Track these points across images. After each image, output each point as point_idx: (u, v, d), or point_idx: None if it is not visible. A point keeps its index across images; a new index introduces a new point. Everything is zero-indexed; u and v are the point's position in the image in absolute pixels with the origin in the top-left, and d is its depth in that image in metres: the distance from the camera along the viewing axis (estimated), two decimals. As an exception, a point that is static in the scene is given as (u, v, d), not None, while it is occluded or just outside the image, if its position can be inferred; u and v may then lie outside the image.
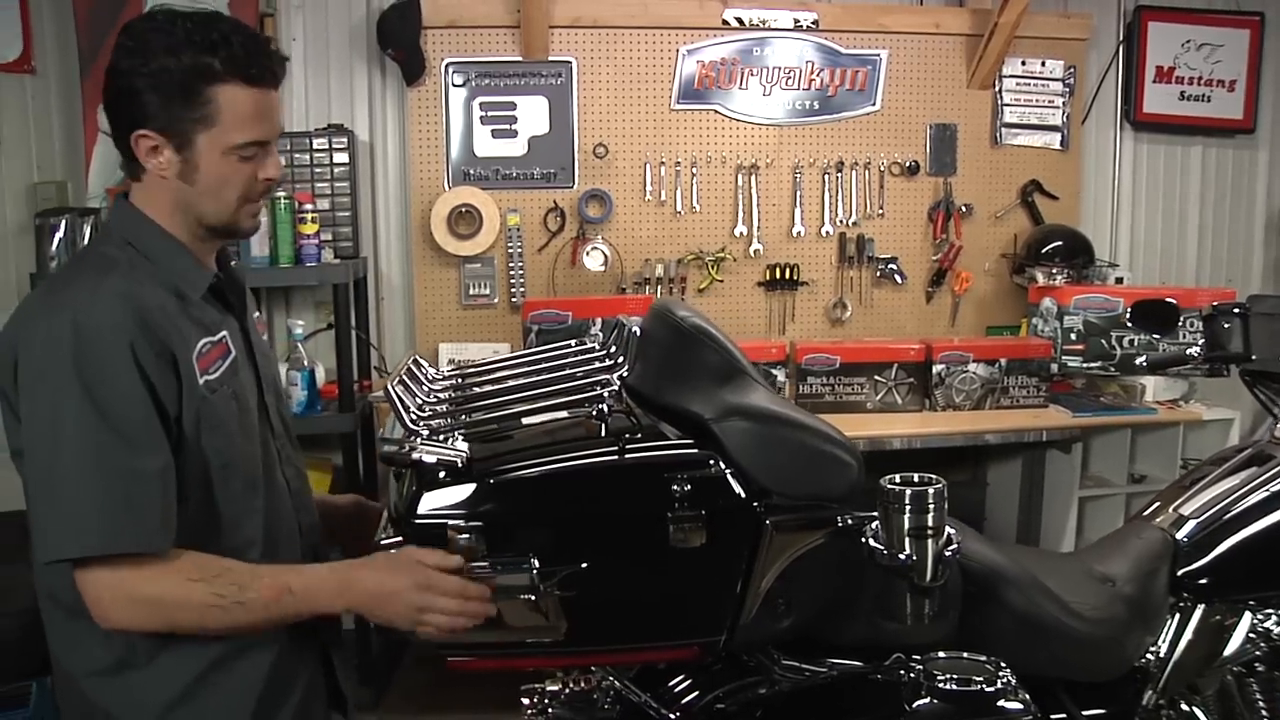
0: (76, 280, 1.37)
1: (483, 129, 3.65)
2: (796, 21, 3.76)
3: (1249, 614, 1.99)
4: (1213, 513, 2.01)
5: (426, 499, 1.42)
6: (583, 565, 1.44)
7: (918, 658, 1.59)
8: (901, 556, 1.48)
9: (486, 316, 3.71)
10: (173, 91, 1.36)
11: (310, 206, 3.30)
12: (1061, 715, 1.80)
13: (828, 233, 3.85)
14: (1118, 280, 3.90)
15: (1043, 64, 3.94)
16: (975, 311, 4.00)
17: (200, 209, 1.43)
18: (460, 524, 1.42)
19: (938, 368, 3.46)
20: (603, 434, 1.51)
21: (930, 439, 3.39)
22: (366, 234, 3.70)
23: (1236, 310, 2.26)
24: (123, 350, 1.30)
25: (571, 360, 1.83)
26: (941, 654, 1.59)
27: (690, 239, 3.78)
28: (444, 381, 1.80)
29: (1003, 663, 1.58)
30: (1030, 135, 3.97)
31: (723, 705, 1.62)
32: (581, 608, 1.45)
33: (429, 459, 1.42)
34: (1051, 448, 3.55)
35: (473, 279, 3.69)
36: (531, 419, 1.61)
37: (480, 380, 1.81)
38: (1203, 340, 2.33)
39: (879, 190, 3.87)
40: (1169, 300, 2.51)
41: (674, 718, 1.61)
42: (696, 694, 1.64)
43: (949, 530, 1.52)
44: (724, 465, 1.49)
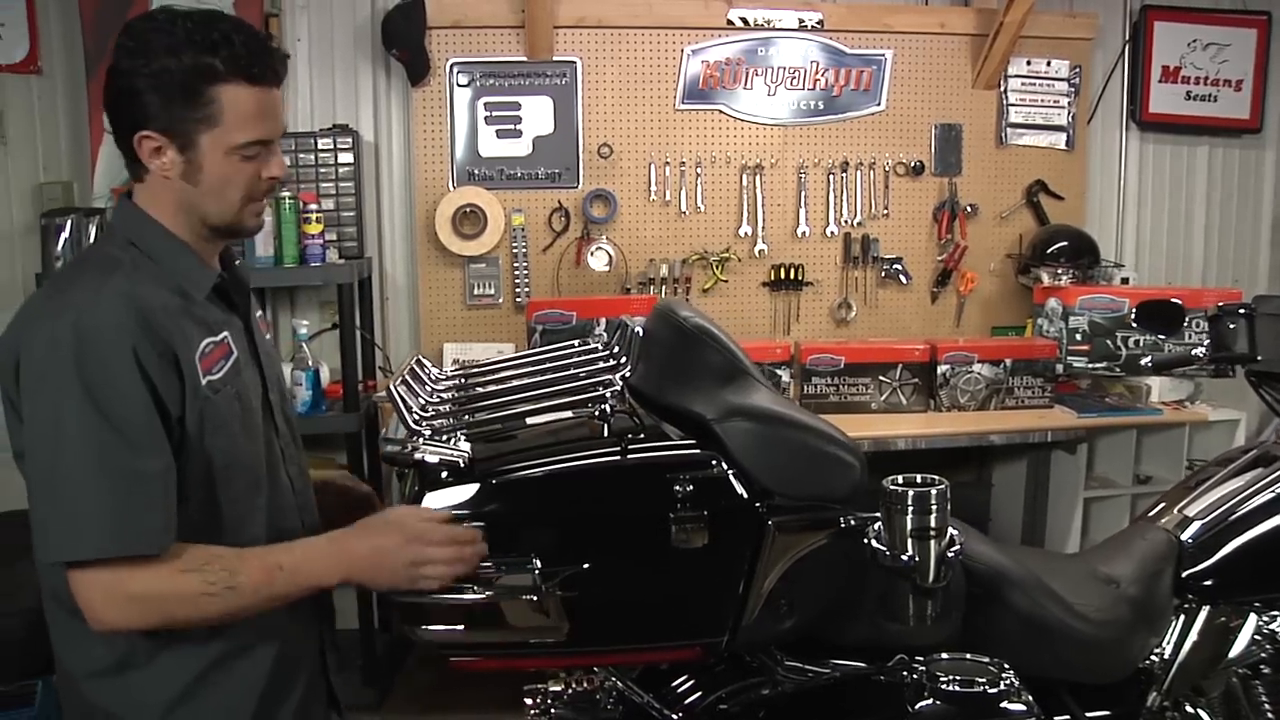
0: (79, 281, 1.37)
1: (487, 129, 3.65)
2: (801, 21, 3.76)
3: (1254, 616, 1.99)
4: (1218, 514, 2.00)
5: (429, 499, 1.43)
6: (585, 566, 1.44)
7: (921, 659, 1.58)
8: (904, 557, 1.48)
9: (491, 317, 3.72)
10: (174, 92, 1.36)
11: (315, 206, 3.30)
12: (1065, 717, 1.80)
13: (832, 233, 3.85)
14: (1123, 280, 3.88)
15: (1048, 64, 3.93)
16: (980, 312, 3.99)
17: (204, 209, 1.43)
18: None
19: (943, 368, 3.45)
20: (605, 434, 1.51)
21: (935, 440, 3.38)
22: (371, 234, 3.70)
23: (1242, 311, 2.25)
24: (124, 351, 1.30)
25: (574, 360, 1.84)
26: (944, 655, 1.59)
27: (695, 239, 3.78)
28: (447, 382, 1.81)
29: (1006, 664, 1.58)
30: (1035, 135, 3.96)
31: (725, 706, 1.62)
32: (584, 608, 1.45)
33: (431, 459, 1.42)
34: (1056, 448, 3.54)
35: (477, 279, 3.69)
36: (536, 419, 1.61)
37: (483, 380, 1.81)
38: (1208, 341, 2.33)
39: (884, 190, 3.87)
40: (1174, 301, 2.51)
41: (677, 718, 1.61)
42: (699, 695, 1.63)
43: (952, 531, 1.52)
44: (726, 466, 1.48)
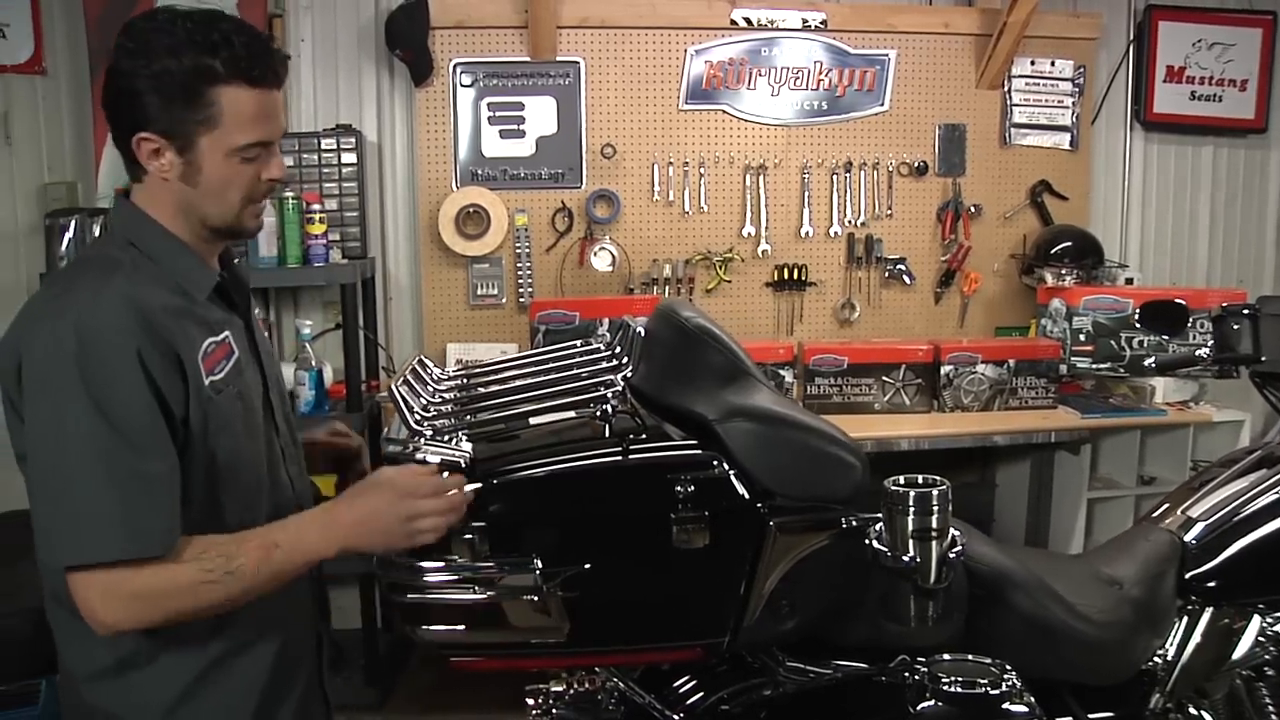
0: (79, 282, 1.36)
1: (490, 129, 3.65)
2: (805, 21, 3.76)
3: (1258, 617, 1.98)
4: (1221, 515, 2.00)
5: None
6: (586, 566, 1.44)
7: (922, 660, 1.58)
8: (905, 558, 1.48)
9: (494, 317, 3.72)
10: (174, 93, 1.35)
11: (318, 207, 3.30)
12: (1067, 718, 1.79)
13: (836, 233, 3.84)
14: (1128, 281, 3.88)
15: (1052, 64, 3.92)
16: (984, 312, 3.98)
17: (203, 210, 1.42)
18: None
19: (946, 369, 3.45)
20: (607, 435, 1.51)
21: (938, 440, 3.38)
22: (374, 234, 3.71)
23: (1246, 311, 2.25)
24: (128, 354, 1.29)
25: (577, 360, 1.83)
26: (946, 656, 1.58)
27: (698, 239, 3.77)
28: (449, 382, 1.81)
29: (1008, 665, 1.57)
30: (1039, 135, 3.95)
31: (727, 707, 1.62)
32: (585, 608, 1.45)
33: (433, 459, 1.42)
34: (1060, 449, 3.53)
35: (480, 279, 3.69)
36: (539, 419, 1.61)
37: (485, 380, 1.81)
38: (1212, 342, 2.32)
39: (887, 190, 3.86)
40: (1178, 301, 2.50)
41: (678, 719, 1.60)
42: (701, 695, 1.63)
43: (953, 532, 1.51)
44: (728, 466, 1.48)
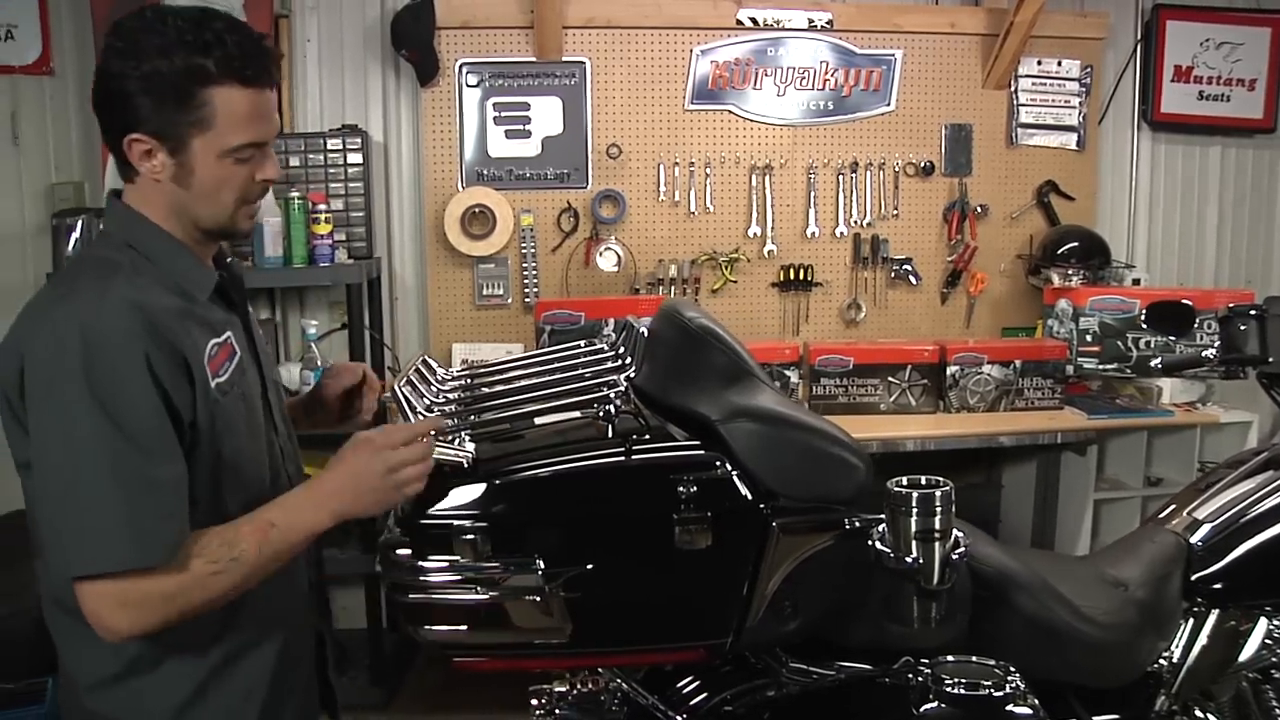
0: (80, 285, 1.33)
1: (496, 129, 3.65)
2: (811, 21, 3.75)
3: (1265, 620, 1.98)
4: (1228, 517, 1.99)
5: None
6: (589, 566, 1.44)
7: (926, 661, 1.57)
8: (908, 559, 1.48)
9: (500, 317, 3.72)
10: (166, 94, 1.32)
11: (324, 207, 3.31)
12: (1072, 720, 1.79)
13: (842, 233, 3.84)
14: (1135, 281, 3.86)
15: (1059, 64, 3.91)
16: (990, 313, 3.97)
17: (196, 212, 1.40)
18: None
19: (952, 369, 3.44)
20: (610, 435, 1.51)
21: (944, 441, 3.37)
22: (380, 234, 3.71)
23: (1253, 312, 2.24)
24: (135, 358, 1.27)
25: (580, 361, 1.84)
26: (950, 658, 1.58)
27: (704, 240, 3.77)
28: (453, 382, 1.81)
29: (1012, 667, 1.57)
30: (1046, 135, 3.94)
31: (730, 708, 1.62)
32: (588, 609, 1.45)
33: (435, 459, 1.42)
34: (1066, 450, 3.52)
35: (486, 279, 3.69)
36: (544, 419, 1.61)
37: (489, 380, 1.81)
38: (1219, 342, 2.32)
39: (894, 191, 3.85)
40: (1184, 302, 2.49)
41: (681, 719, 1.60)
42: (704, 696, 1.63)
43: (956, 533, 1.51)
44: (730, 467, 1.48)
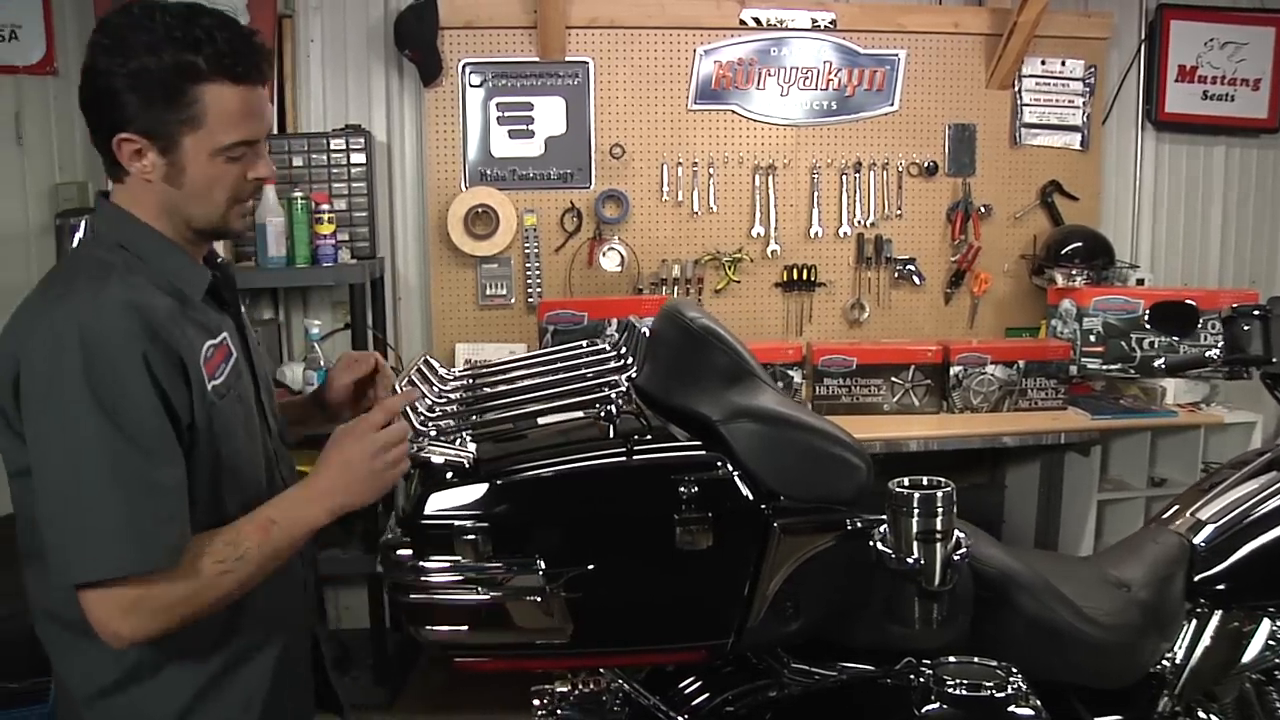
0: (75, 286, 1.30)
1: (499, 129, 3.65)
2: (814, 21, 3.75)
3: (1268, 621, 1.97)
4: (1231, 517, 1.98)
5: (433, 500, 1.42)
6: (590, 567, 1.43)
7: (928, 662, 1.57)
8: (909, 560, 1.47)
9: (503, 317, 3.72)
10: (155, 92, 1.29)
11: (327, 207, 3.31)
12: (1074, 721, 1.79)
13: (845, 233, 3.83)
14: (1139, 282, 3.86)
15: (1063, 63, 3.90)
16: (994, 313, 3.97)
17: (188, 211, 1.38)
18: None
19: (955, 369, 3.44)
20: (611, 435, 1.51)
21: (947, 441, 3.36)
22: (383, 234, 3.71)
23: (1257, 312, 2.23)
24: (135, 360, 1.25)
25: (582, 361, 1.84)
26: (952, 658, 1.57)
27: (707, 239, 3.77)
28: (454, 382, 1.81)
29: (1014, 668, 1.56)
30: (1050, 135, 3.94)
31: (732, 708, 1.61)
32: (589, 609, 1.44)
33: (436, 459, 1.42)
34: (1070, 450, 3.51)
35: (489, 279, 3.69)
36: (546, 419, 1.61)
37: (491, 380, 1.81)
38: (1222, 343, 2.31)
39: (897, 191, 3.85)
40: (1188, 302, 2.48)
41: (683, 720, 1.60)
42: (706, 697, 1.63)
43: (958, 534, 1.50)
44: (732, 467, 1.48)
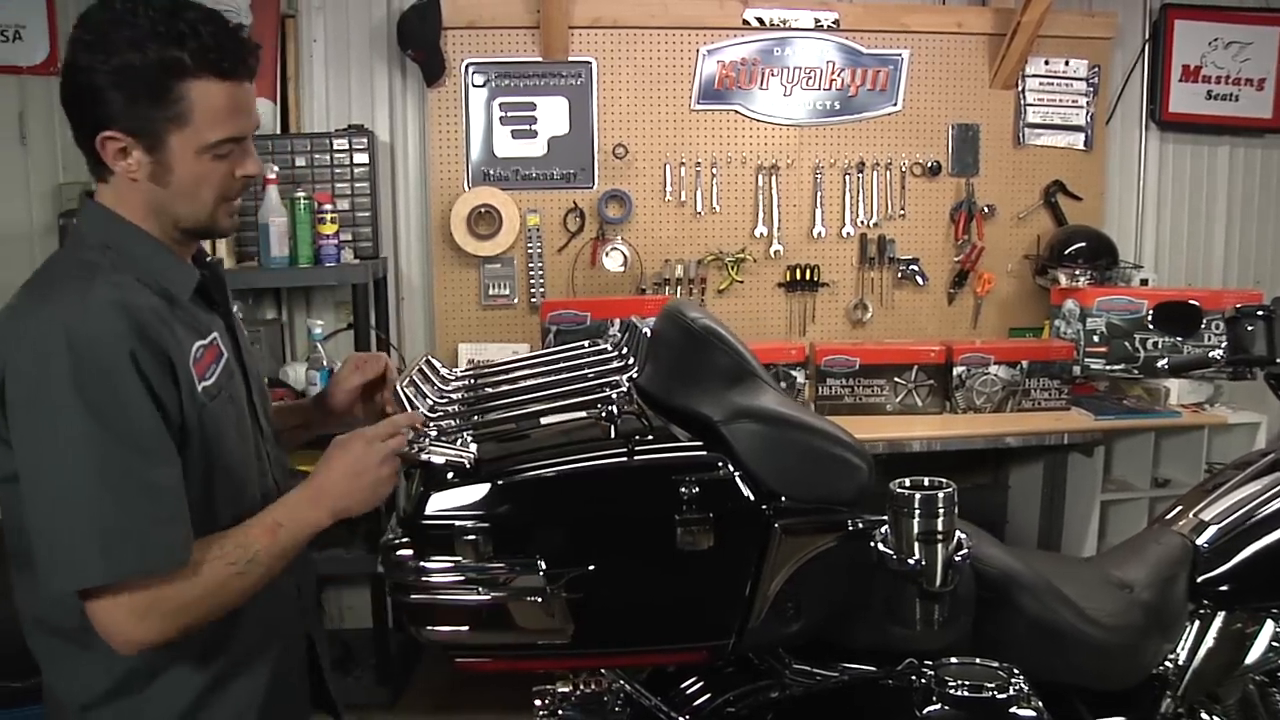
0: (60, 288, 1.27)
1: (502, 129, 3.65)
2: (817, 21, 3.74)
3: (1271, 622, 1.96)
4: (1234, 518, 1.98)
5: (434, 500, 1.42)
6: (591, 567, 1.43)
7: (930, 663, 1.56)
8: (910, 561, 1.47)
9: (506, 317, 3.72)
10: (139, 89, 1.27)
11: (330, 207, 3.31)
12: (1076, 723, 1.78)
13: (848, 234, 3.83)
14: (1142, 282, 3.85)
15: (1066, 63, 3.90)
16: (997, 313, 3.96)
17: (175, 210, 1.36)
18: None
19: (958, 370, 3.43)
20: (612, 435, 1.50)
21: (950, 441, 3.36)
22: (386, 234, 3.71)
23: (1261, 312, 2.23)
24: (124, 360, 1.22)
25: (584, 361, 1.83)
26: (954, 660, 1.57)
27: (710, 240, 3.77)
28: (456, 382, 1.81)
29: (1016, 669, 1.56)
30: (1054, 135, 3.93)
31: (733, 709, 1.61)
32: (590, 610, 1.44)
33: (437, 459, 1.42)
34: (1073, 451, 3.51)
35: (492, 279, 3.69)
36: (549, 419, 1.61)
37: (494, 380, 1.81)
38: (1226, 343, 2.30)
39: (900, 191, 3.85)
40: (1191, 302, 2.48)
41: (683, 721, 1.60)
42: (707, 697, 1.62)
43: (959, 535, 1.50)
44: (733, 468, 1.47)
